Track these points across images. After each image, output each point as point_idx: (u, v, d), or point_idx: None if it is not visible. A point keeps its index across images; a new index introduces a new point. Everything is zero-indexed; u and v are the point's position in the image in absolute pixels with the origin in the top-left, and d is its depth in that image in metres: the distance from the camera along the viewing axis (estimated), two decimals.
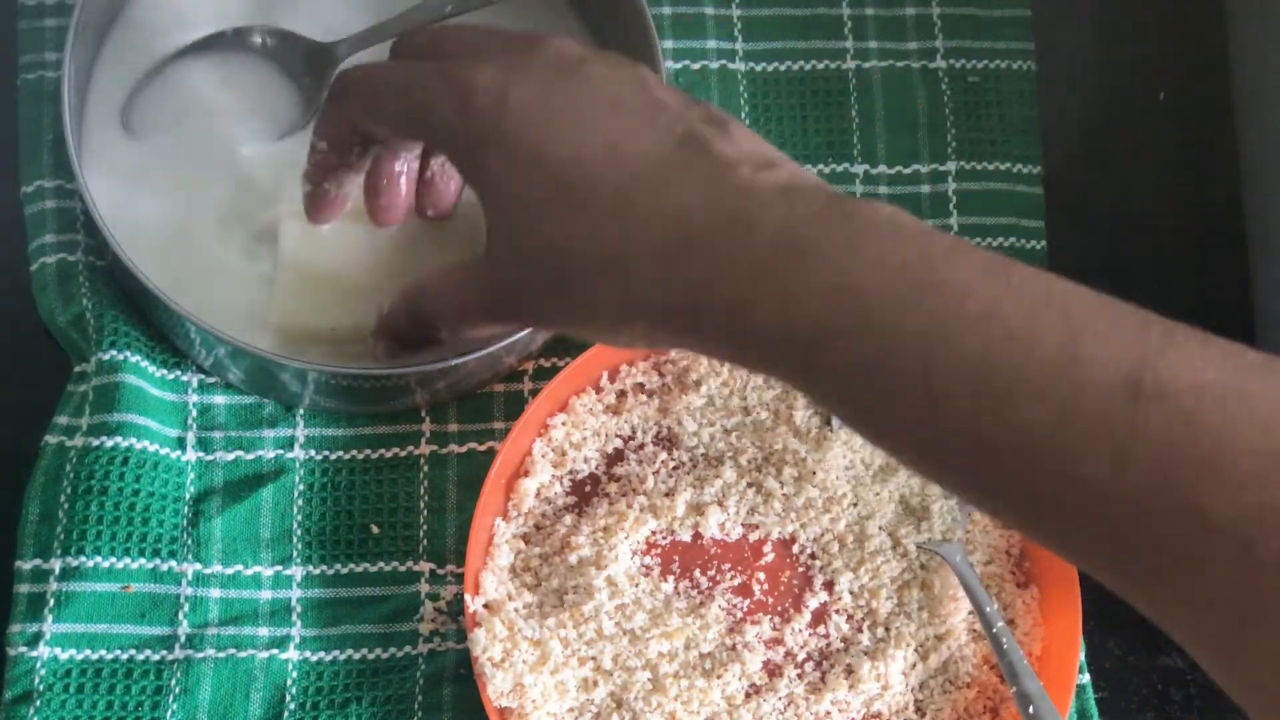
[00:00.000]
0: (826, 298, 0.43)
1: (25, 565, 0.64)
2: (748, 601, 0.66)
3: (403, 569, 0.67)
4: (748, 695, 0.65)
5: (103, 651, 0.64)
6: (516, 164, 0.48)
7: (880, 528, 0.67)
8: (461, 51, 0.51)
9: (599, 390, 0.68)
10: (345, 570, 0.67)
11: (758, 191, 0.45)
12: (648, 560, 0.66)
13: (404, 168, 0.59)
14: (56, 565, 0.64)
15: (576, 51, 0.50)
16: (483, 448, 0.69)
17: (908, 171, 0.74)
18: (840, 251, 0.43)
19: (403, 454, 0.68)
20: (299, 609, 0.66)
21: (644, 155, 0.47)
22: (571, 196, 0.47)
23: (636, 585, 0.65)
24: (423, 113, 0.50)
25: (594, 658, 0.64)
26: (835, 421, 0.67)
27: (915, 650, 0.66)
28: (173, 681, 0.64)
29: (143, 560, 0.65)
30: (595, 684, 0.64)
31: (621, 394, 0.68)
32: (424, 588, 0.67)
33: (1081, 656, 0.67)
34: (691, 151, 0.47)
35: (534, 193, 0.48)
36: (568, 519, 0.66)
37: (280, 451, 0.68)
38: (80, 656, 0.63)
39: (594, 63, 0.49)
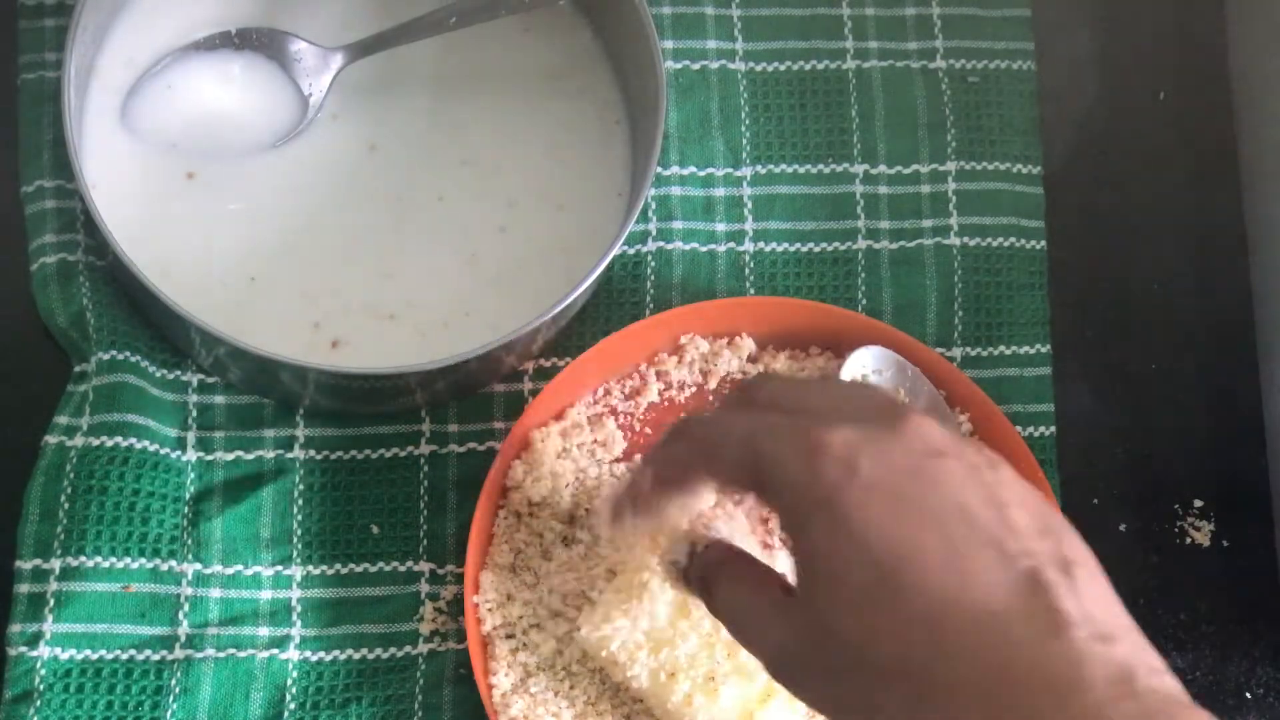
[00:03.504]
0: None
1: (25, 565, 0.64)
2: None
3: (403, 569, 0.67)
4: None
5: (103, 651, 0.64)
6: (845, 539, 0.46)
7: None
8: (822, 407, 0.49)
9: (599, 391, 0.68)
10: (345, 570, 0.67)
11: (1087, 664, 0.43)
12: None
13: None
14: (56, 565, 0.64)
15: (938, 441, 0.47)
16: (483, 448, 0.69)
17: (908, 171, 0.74)
18: None
19: (402, 454, 0.68)
20: (299, 609, 0.66)
21: (979, 579, 0.45)
22: (891, 590, 0.45)
23: None
24: (766, 465, 0.48)
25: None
26: None
27: None
28: (173, 681, 0.64)
29: (143, 560, 0.65)
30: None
31: (623, 395, 0.68)
32: (424, 588, 0.67)
33: None
34: (1031, 594, 0.44)
35: (852, 574, 0.46)
36: (568, 519, 0.66)
37: (280, 451, 0.68)
38: (80, 656, 0.63)
39: (953, 459, 0.47)
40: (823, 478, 0.46)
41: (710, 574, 0.54)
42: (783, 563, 0.61)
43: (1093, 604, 0.45)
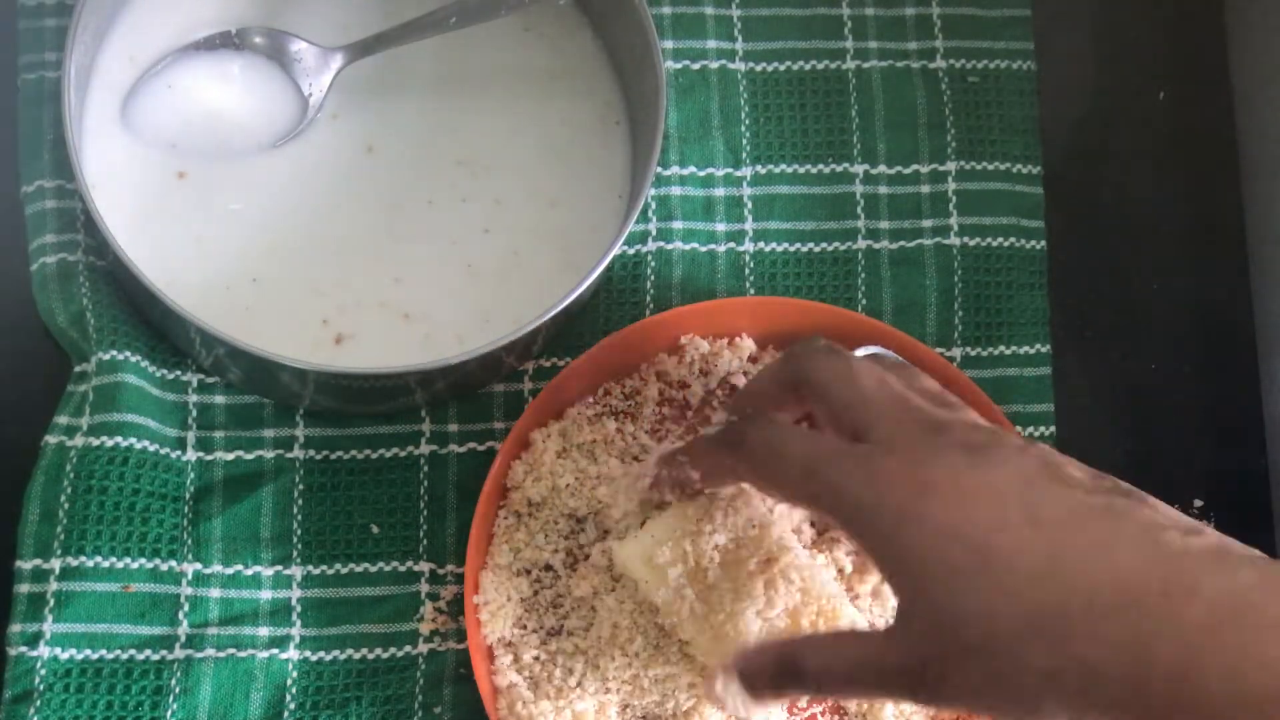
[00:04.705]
0: (1278, 671, 0.43)
1: (25, 565, 0.64)
2: None
3: (403, 569, 0.67)
4: None
5: (103, 651, 0.64)
6: (936, 538, 0.49)
7: None
8: (869, 419, 0.52)
9: (599, 391, 0.68)
10: (345, 570, 0.67)
11: (1193, 555, 0.46)
12: None
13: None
14: (56, 565, 0.64)
15: (982, 436, 0.51)
16: (483, 448, 0.69)
17: (907, 171, 0.74)
18: None
19: (402, 454, 0.68)
20: (299, 609, 0.66)
21: (1067, 523, 0.48)
22: (996, 562, 0.48)
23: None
24: (828, 491, 0.51)
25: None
26: None
27: None
28: (173, 681, 0.64)
29: (143, 560, 0.65)
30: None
31: (623, 395, 0.68)
32: (424, 588, 0.67)
33: None
34: (1116, 519, 0.48)
35: (955, 562, 0.48)
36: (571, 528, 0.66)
37: (280, 451, 0.68)
38: (80, 656, 0.63)
39: (999, 447, 0.51)
40: (892, 496, 0.50)
41: (791, 660, 0.53)
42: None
43: (1167, 511, 0.49)
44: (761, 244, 0.72)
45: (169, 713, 0.64)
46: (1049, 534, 0.48)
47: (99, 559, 0.64)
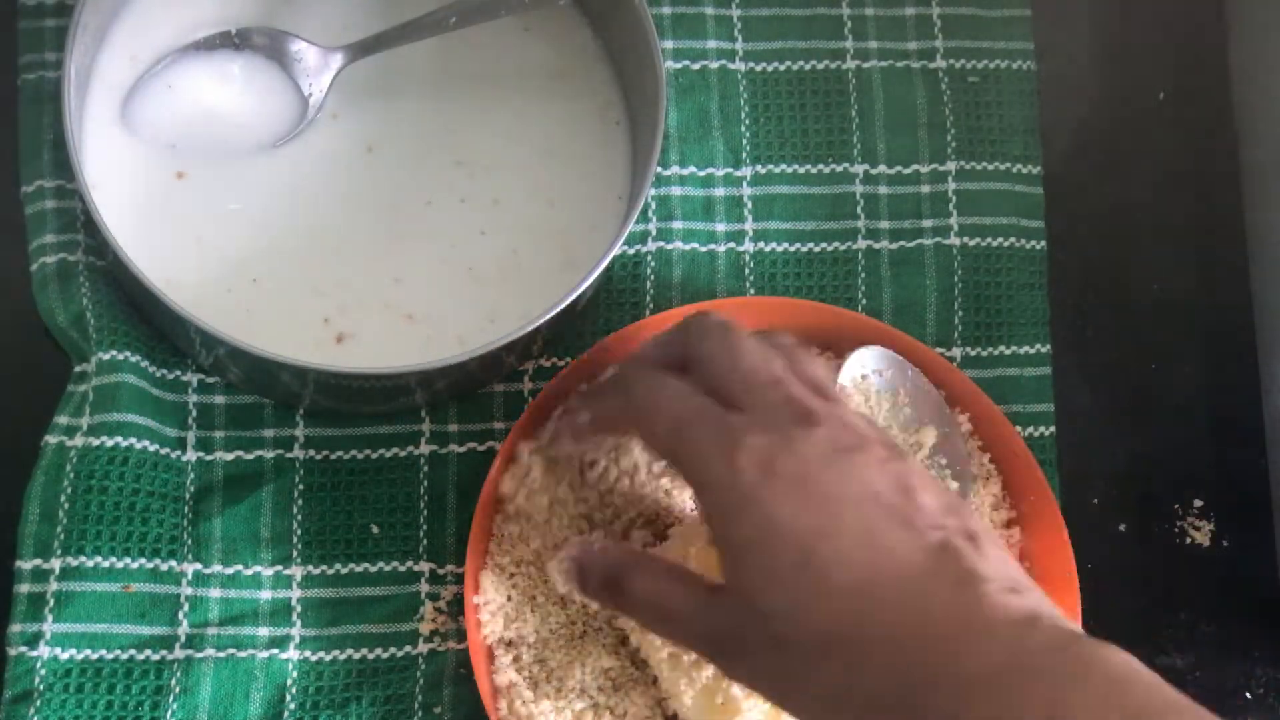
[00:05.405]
0: None
1: (25, 565, 0.64)
2: None
3: (403, 569, 0.67)
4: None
5: (103, 651, 0.64)
6: (770, 528, 0.50)
7: None
8: (747, 394, 0.53)
9: None
10: (345, 570, 0.67)
11: (1000, 610, 0.47)
12: None
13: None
14: (56, 565, 0.64)
15: (848, 438, 0.51)
16: (483, 448, 0.69)
17: (908, 171, 0.74)
18: (1066, 687, 0.45)
19: (403, 454, 0.68)
20: (299, 609, 0.66)
21: (895, 550, 0.49)
22: (814, 567, 0.49)
23: None
24: (688, 454, 0.52)
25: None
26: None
27: None
28: (173, 681, 0.64)
29: (143, 560, 0.65)
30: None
31: None
32: (424, 588, 0.67)
33: None
34: (942, 559, 0.49)
35: (777, 555, 0.49)
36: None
37: (280, 451, 0.68)
38: (80, 656, 0.63)
39: (861, 453, 0.51)
40: (743, 476, 0.50)
41: (620, 573, 0.55)
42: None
43: (999, 565, 0.49)
44: (761, 244, 0.72)
45: (169, 713, 0.64)
46: (872, 556, 0.49)
47: (99, 559, 0.64)
